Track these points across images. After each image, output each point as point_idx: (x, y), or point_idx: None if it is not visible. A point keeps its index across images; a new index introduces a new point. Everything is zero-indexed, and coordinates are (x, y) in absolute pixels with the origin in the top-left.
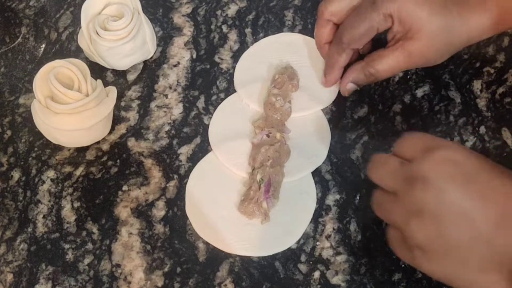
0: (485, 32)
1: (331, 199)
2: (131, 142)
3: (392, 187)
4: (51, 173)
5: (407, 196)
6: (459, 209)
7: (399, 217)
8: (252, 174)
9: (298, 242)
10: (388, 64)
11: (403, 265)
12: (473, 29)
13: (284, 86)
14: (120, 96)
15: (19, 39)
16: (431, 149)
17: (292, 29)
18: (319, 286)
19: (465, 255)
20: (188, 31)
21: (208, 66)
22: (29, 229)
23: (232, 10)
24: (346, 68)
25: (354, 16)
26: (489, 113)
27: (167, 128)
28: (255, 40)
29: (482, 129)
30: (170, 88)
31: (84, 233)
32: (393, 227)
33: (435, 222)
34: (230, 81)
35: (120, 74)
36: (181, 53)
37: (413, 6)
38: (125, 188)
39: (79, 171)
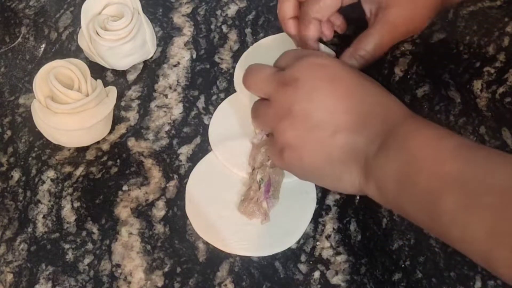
0: None
1: (331, 199)
2: (131, 142)
3: (266, 92)
4: (51, 173)
5: (279, 98)
6: (326, 105)
7: (272, 120)
8: (252, 174)
9: (298, 242)
10: (375, 41)
11: (403, 265)
12: None
13: None
14: (120, 96)
15: (19, 39)
16: (302, 56)
17: None
18: (319, 286)
19: (330, 149)
20: (188, 31)
21: (208, 66)
22: (29, 229)
23: (232, 10)
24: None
25: None
26: (489, 113)
27: (167, 128)
28: (255, 40)
29: (482, 129)
30: (170, 88)
31: (84, 233)
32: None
33: (303, 119)
34: (230, 81)
35: (120, 74)
36: (181, 53)
37: None
38: (125, 188)
39: (79, 171)
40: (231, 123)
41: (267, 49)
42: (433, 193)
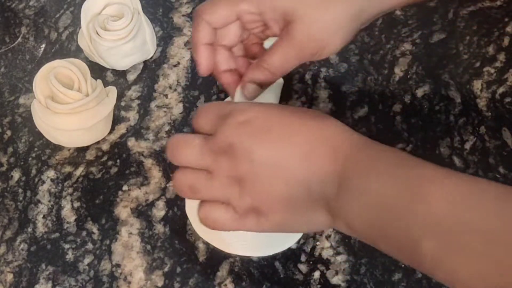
0: (372, 10)
1: None
2: (131, 142)
3: (203, 165)
4: (51, 173)
5: (220, 168)
6: (269, 161)
7: (221, 191)
8: None
9: (298, 242)
10: (279, 56)
11: (403, 265)
12: (359, 10)
13: None
14: (120, 96)
15: (19, 39)
16: (224, 117)
17: None
18: (319, 286)
19: (290, 201)
20: (188, 31)
21: None
22: (29, 229)
23: None
24: None
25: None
26: (489, 113)
27: (167, 128)
28: None
29: (482, 129)
30: (170, 88)
31: (84, 233)
32: (213, 204)
33: (255, 182)
34: None
35: (120, 74)
36: (181, 53)
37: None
38: (125, 188)
39: (79, 171)
40: None
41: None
42: (411, 237)
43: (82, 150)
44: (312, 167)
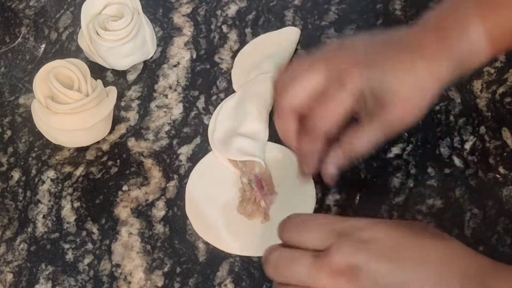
0: (452, 76)
1: (331, 199)
2: (131, 142)
3: (316, 285)
4: (51, 173)
5: None
6: (398, 283)
7: None
8: (241, 179)
9: None
10: (367, 139)
11: None
12: (441, 78)
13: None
14: (120, 96)
15: (19, 39)
16: (340, 234)
17: None
18: None
19: None
20: (188, 31)
21: (208, 66)
22: (29, 229)
23: (232, 10)
24: None
25: (323, 102)
26: (489, 113)
27: (167, 128)
28: None
29: (482, 129)
30: (170, 88)
31: (84, 233)
32: None
33: None
34: (230, 81)
35: (120, 74)
36: (181, 53)
37: (381, 74)
38: (125, 188)
39: (79, 171)
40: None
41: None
42: None
43: (82, 150)
44: None
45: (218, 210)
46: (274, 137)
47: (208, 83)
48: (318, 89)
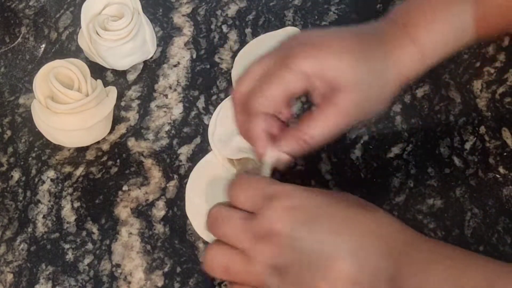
0: (416, 66)
1: None
2: (131, 142)
3: (241, 246)
4: (51, 173)
5: (262, 255)
6: (317, 254)
7: (258, 279)
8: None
9: None
10: (322, 126)
11: None
12: (403, 66)
13: None
14: (120, 96)
15: (19, 39)
16: (268, 198)
17: None
18: None
19: None
20: (188, 31)
21: (208, 66)
22: (29, 229)
23: (232, 10)
24: None
25: (264, 78)
26: (489, 113)
27: (167, 128)
28: None
29: (482, 129)
30: (170, 88)
31: (84, 233)
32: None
33: (299, 274)
34: (230, 81)
35: (120, 74)
36: (181, 53)
37: (332, 59)
38: (125, 188)
39: (79, 171)
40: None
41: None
42: None
43: (82, 150)
44: (362, 263)
45: None
46: None
47: (208, 83)
48: (265, 71)
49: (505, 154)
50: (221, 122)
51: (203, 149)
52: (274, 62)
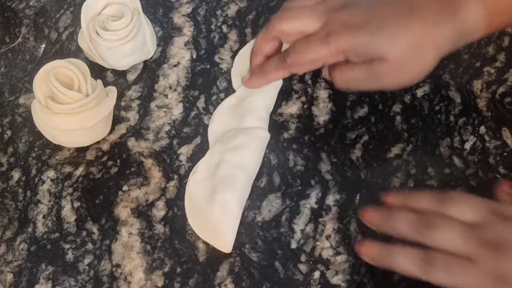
0: (453, 42)
1: (331, 199)
2: (131, 142)
3: (464, 250)
4: (51, 173)
5: (488, 263)
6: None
7: (479, 282)
8: None
9: (298, 242)
10: (353, 76)
11: None
12: (440, 41)
13: None
14: (120, 96)
15: (19, 39)
16: (498, 214)
17: None
18: (319, 286)
19: None
20: (188, 31)
21: (208, 66)
22: (29, 229)
23: (232, 10)
24: None
25: (303, 43)
26: (489, 113)
27: (167, 128)
28: None
29: (482, 129)
30: (170, 88)
31: (84, 233)
32: None
33: None
34: (230, 81)
35: (120, 74)
36: (181, 53)
37: (369, 37)
38: (125, 188)
39: (79, 171)
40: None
41: None
42: None
43: (82, 150)
44: None
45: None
46: (274, 137)
47: (208, 83)
48: (308, 33)
49: (505, 154)
50: (221, 122)
51: (203, 149)
52: (319, 29)
